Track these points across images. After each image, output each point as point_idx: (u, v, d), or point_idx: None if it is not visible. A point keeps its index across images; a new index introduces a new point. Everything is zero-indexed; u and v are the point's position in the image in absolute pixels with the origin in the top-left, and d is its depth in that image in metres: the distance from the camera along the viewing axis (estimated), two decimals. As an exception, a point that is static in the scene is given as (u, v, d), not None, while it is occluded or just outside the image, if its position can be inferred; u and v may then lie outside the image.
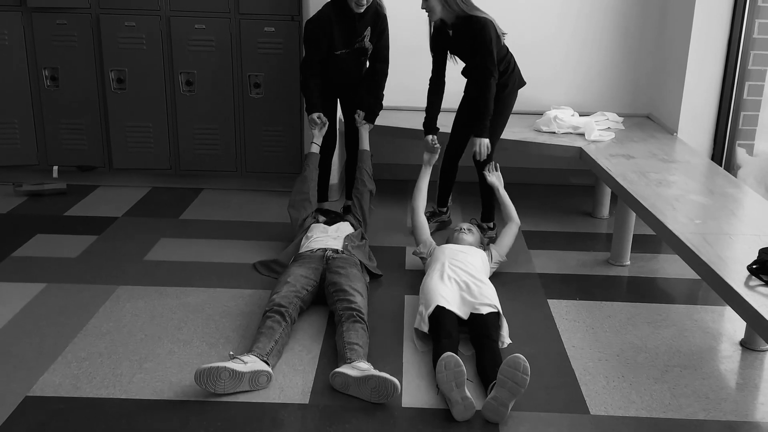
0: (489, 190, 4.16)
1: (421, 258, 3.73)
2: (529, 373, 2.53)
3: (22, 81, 4.88)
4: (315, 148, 4.23)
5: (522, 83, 4.20)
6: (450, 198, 4.47)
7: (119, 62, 4.82)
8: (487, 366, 2.78)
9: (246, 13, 4.73)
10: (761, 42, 4.51)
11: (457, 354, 2.84)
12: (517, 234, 3.92)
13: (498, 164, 4.12)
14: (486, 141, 4.00)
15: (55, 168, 5.03)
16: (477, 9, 3.89)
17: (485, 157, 4.04)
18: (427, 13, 3.91)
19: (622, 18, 5.04)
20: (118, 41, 4.78)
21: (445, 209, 4.43)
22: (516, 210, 3.94)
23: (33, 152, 5.02)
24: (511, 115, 5.11)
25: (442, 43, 4.06)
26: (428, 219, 4.24)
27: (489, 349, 2.87)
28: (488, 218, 4.32)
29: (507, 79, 4.07)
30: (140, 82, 4.86)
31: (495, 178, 4.07)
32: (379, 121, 4.44)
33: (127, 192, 4.98)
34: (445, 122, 4.28)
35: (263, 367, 2.74)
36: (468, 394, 2.57)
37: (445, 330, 2.94)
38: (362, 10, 3.97)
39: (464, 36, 3.93)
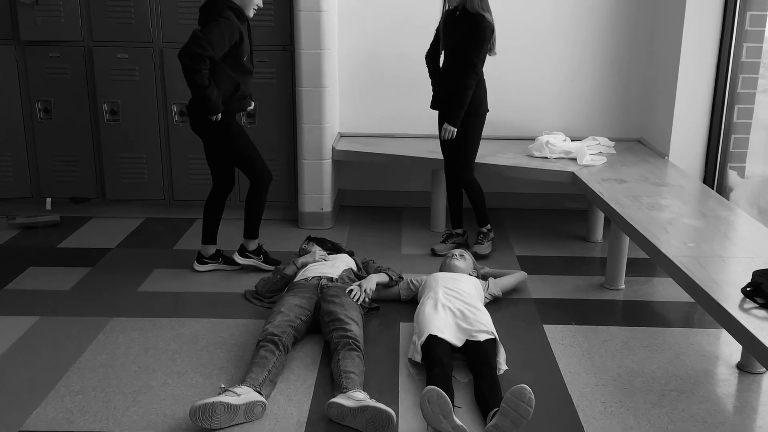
0: (457, 197, 4.42)
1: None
2: (534, 405, 2.52)
3: (15, 114, 4.89)
4: (291, 270, 3.82)
5: (487, 109, 4.28)
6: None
7: (112, 94, 4.83)
8: (487, 393, 2.76)
9: (238, 44, 4.76)
10: (750, 65, 4.55)
11: (451, 381, 2.84)
12: (522, 282, 3.93)
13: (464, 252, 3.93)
14: (453, 129, 4.11)
15: (48, 200, 5.02)
16: (488, 12, 3.99)
17: (448, 139, 4.16)
18: None
19: (612, 43, 5.09)
20: (111, 73, 4.80)
21: (461, 230, 4.48)
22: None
23: (26, 185, 5.01)
24: (503, 141, 5.15)
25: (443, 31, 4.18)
26: (444, 240, 4.40)
27: (488, 376, 2.86)
28: (456, 224, 4.51)
29: (481, 96, 4.18)
30: (133, 114, 4.87)
31: (462, 262, 3.79)
32: (373, 149, 4.60)
33: (121, 223, 4.97)
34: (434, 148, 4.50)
35: (257, 397, 2.72)
36: (458, 422, 2.55)
37: (438, 359, 2.92)
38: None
39: (461, 25, 4.02)
